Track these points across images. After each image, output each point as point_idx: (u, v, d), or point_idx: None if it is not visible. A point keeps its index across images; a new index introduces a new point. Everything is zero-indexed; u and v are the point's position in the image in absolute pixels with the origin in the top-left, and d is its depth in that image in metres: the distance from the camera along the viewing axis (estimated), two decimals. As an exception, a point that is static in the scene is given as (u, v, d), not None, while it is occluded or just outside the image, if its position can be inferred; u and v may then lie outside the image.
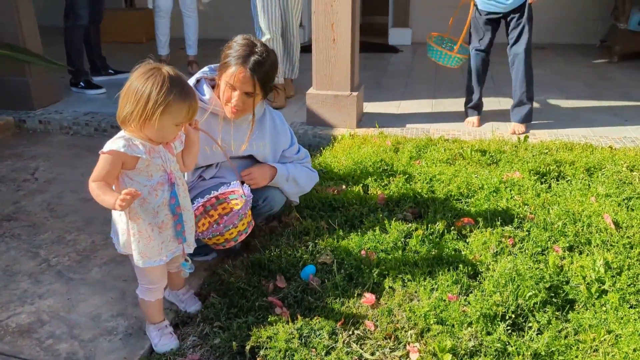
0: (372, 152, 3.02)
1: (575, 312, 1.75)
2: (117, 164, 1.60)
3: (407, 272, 1.96)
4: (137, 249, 1.68)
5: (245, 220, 1.94)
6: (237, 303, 1.97)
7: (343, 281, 1.96)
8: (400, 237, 2.16)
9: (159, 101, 1.51)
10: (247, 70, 1.94)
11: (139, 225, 1.66)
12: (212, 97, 2.08)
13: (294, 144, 2.34)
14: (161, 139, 1.62)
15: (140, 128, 1.57)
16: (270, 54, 2.01)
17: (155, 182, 1.66)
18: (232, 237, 1.92)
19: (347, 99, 3.63)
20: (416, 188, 2.58)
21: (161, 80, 1.52)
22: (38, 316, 2.03)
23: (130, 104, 1.54)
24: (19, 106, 4.13)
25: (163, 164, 1.66)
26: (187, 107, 1.57)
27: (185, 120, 1.61)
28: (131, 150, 1.58)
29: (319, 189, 2.66)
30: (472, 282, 1.90)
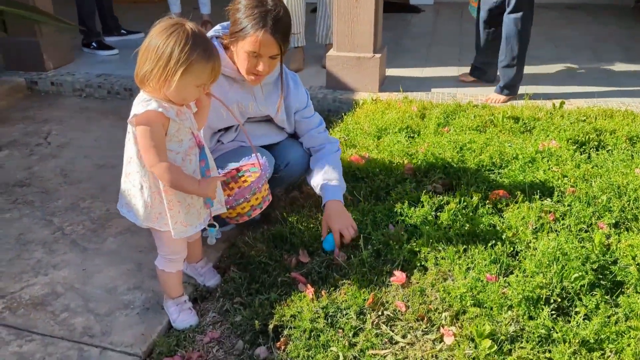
0: (397, 118, 2.86)
1: (625, 295, 1.61)
2: (161, 130, 1.48)
3: (439, 249, 1.84)
4: (178, 218, 1.58)
5: (260, 195, 1.81)
6: (258, 278, 1.87)
7: (370, 257, 1.85)
8: (430, 211, 2.03)
9: (181, 60, 1.38)
10: (268, 34, 1.77)
11: (177, 195, 1.56)
12: (225, 58, 1.92)
13: (308, 105, 2.17)
14: (181, 100, 1.49)
15: (159, 88, 1.44)
16: (280, 3, 1.82)
17: (186, 147, 1.55)
18: (245, 211, 1.80)
19: (369, 61, 3.45)
20: (446, 157, 2.43)
21: (184, 37, 1.39)
22: (52, 288, 1.96)
23: (150, 62, 1.41)
24: (30, 67, 4.01)
25: (191, 126, 1.55)
26: (210, 68, 1.44)
27: (207, 81, 1.47)
28: (166, 111, 1.46)
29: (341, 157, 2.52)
30: (512, 261, 1.77)
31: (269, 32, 1.76)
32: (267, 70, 1.85)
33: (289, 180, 2.24)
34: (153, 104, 1.46)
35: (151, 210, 1.58)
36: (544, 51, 4.31)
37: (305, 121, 2.15)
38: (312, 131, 2.16)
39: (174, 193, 1.55)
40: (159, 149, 1.46)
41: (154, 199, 1.56)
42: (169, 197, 1.55)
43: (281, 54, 1.84)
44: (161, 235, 1.66)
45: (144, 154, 1.48)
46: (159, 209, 1.57)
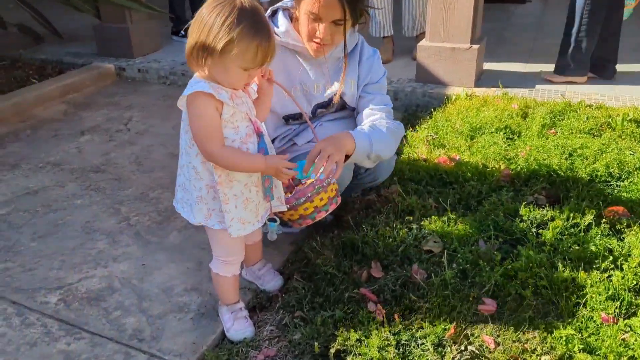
0: (494, 117, 2.53)
1: None
2: (215, 112, 1.31)
3: (541, 275, 1.52)
4: (235, 214, 1.40)
5: (326, 195, 1.57)
6: (323, 291, 1.66)
7: (455, 278, 1.57)
8: (531, 227, 1.71)
9: (221, 34, 1.20)
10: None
11: (233, 189, 1.38)
12: (288, 30, 1.70)
13: (380, 82, 1.86)
14: (229, 84, 1.30)
15: (203, 66, 1.27)
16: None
17: (243, 135, 1.37)
18: (308, 213, 1.57)
19: (465, 53, 3.12)
20: (551, 164, 2.08)
21: (229, 9, 1.21)
22: (110, 282, 1.86)
23: (194, 35, 1.25)
24: (119, 54, 4.06)
25: (248, 112, 1.36)
26: (254, 47, 1.23)
27: (254, 64, 1.26)
28: (217, 92, 1.28)
29: (428, 158, 2.25)
30: (635, 299, 1.43)
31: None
32: (327, 37, 1.60)
33: (370, 184, 2.00)
34: (203, 84, 1.29)
35: (204, 206, 1.41)
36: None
37: (369, 97, 1.83)
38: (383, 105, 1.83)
39: (230, 187, 1.37)
40: (216, 132, 1.29)
41: (207, 194, 1.39)
42: (224, 191, 1.37)
43: (344, 23, 1.59)
44: (215, 235, 1.49)
45: (197, 140, 1.31)
46: (212, 205, 1.40)
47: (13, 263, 1.96)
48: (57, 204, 2.34)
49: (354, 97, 1.86)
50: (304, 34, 1.66)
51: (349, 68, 1.81)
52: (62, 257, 1.99)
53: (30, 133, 3.07)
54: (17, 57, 4.13)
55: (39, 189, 2.47)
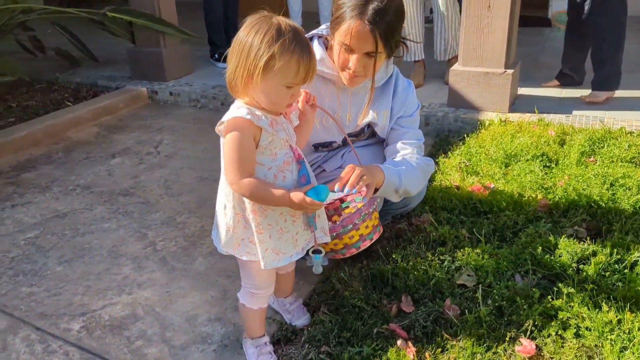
0: (530, 144, 2.44)
1: None
2: (251, 141, 1.28)
3: (583, 315, 1.42)
4: (269, 245, 1.36)
5: (370, 223, 1.52)
6: (350, 325, 1.59)
7: (490, 316, 1.48)
8: (571, 262, 1.62)
9: (262, 50, 1.18)
10: (365, 24, 1.48)
11: (268, 218, 1.34)
12: (323, 58, 1.67)
13: (413, 116, 1.82)
14: (272, 105, 1.27)
15: (246, 89, 1.25)
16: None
17: (281, 162, 1.33)
18: (353, 241, 1.52)
19: (499, 78, 3.05)
20: (592, 194, 1.98)
21: (267, 28, 1.19)
22: (133, 309, 1.83)
23: (234, 59, 1.23)
24: (152, 77, 4.11)
25: (288, 138, 1.33)
26: (296, 62, 1.20)
27: (296, 80, 1.23)
28: (255, 119, 1.26)
29: (461, 186, 2.18)
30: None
31: (365, 22, 1.48)
32: (358, 68, 1.56)
33: (400, 211, 1.94)
34: (242, 111, 1.26)
35: (233, 234, 1.37)
36: None
37: (402, 130, 1.79)
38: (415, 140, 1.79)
39: (264, 215, 1.32)
40: (245, 162, 1.26)
41: (237, 222, 1.36)
42: (258, 220, 1.32)
43: (376, 55, 1.55)
44: (246, 265, 1.45)
45: (225, 168, 1.28)
46: (242, 235, 1.36)
47: (39, 287, 1.95)
48: (85, 228, 2.34)
49: (385, 129, 1.81)
50: (337, 64, 1.63)
51: (382, 99, 1.77)
52: (87, 283, 1.98)
53: (62, 155, 3.11)
54: (53, 80, 4.24)
55: (68, 212, 2.48)
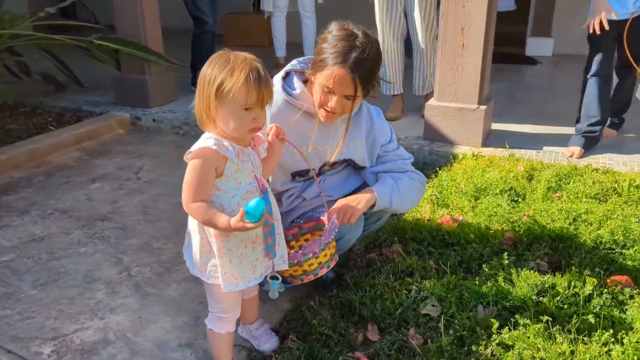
0: (500, 178, 2.53)
1: None
2: (211, 170, 1.35)
3: (538, 346, 1.48)
4: (228, 269, 1.41)
5: (329, 252, 1.60)
6: (317, 352, 1.63)
7: (451, 345, 1.54)
8: (531, 294, 1.68)
9: (215, 76, 1.29)
10: (347, 71, 1.58)
11: (229, 243, 1.39)
12: (303, 92, 1.76)
13: (392, 140, 1.95)
14: (235, 130, 1.34)
15: (210, 119, 1.34)
16: (372, 45, 1.62)
17: (244, 191, 1.40)
18: (312, 269, 1.59)
19: (473, 113, 3.16)
20: (555, 229, 2.06)
21: (219, 60, 1.31)
22: (104, 334, 1.85)
23: (198, 94, 1.34)
24: (136, 103, 4.17)
25: (253, 169, 1.39)
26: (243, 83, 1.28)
27: (250, 101, 1.30)
28: (222, 149, 1.33)
29: (431, 218, 2.24)
30: (636, 375, 1.39)
31: (347, 69, 1.58)
32: (337, 109, 1.66)
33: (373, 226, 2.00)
34: (210, 141, 1.33)
35: (199, 258, 1.42)
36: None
37: (390, 154, 1.93)
38: (397, 161, 1.93)
39: (226, 240, 1.38)
40: (199, 188, 1.33)
41: (202, 246, 1.42)
42: (219, 244, 1.38)
43: (354, 99, 1.64)
44: (212, 289, 1.50)
45: (183, 191, 1.35)
46: (207, 258, 1.41)
47: (12, 310, 1.97)
48: (61, 252, 2.36)
49: (363, 159, 1.89)
50: (316, 101, 1.72)
51: (355, 131, 1.86)
52: (60, 307, 1.99)
53: (43, 179, 3.13)
54: (37, 104, 4.27)
55: (45, 235, 2.50)
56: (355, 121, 1.87)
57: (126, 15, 3.95)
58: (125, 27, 3.99)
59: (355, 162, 1.90)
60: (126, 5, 3.91)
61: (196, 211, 1.35)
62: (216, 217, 1.33)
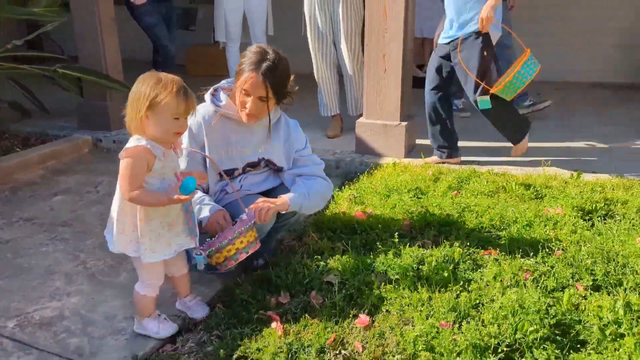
0: (410, 180, 2.96)
1: (580, 353, 1.58)
2: (144, 165, 1.72)
3: (406, 297, 1.88)
4: (148, 246, 1.79)
5: (245, 240, 1.97)
6: (238, 315, 1.99)
7: (343, 301, 1.92)
8: (413, 263, 2.09)
9: (149, 92, 1.66)
10: (259, 75, 2.02)
11: (150, 225, 1.77)
12: (228, 103, 2.19)
13: (307, 147, 2.37)
14: (164, 134, 1.72)
15: (142, 126, 1.69)
16: (282, 60, 2.09)
17: (167, 186, 1.76)
18: (231, 254, 1.96)
19: (395, 129, 3.61)
20: (443, 216, 2.49)
21: (154, 78, 1.68)
22: (61, 312, 2.17)
23: (134, 105, 1.70)
24: (97, 127, 4.50)
25: (175, 167, 1.77)
26: (173, 97, 1.67)
27: (179, 111, 1.70)
28: (152, 148, 1.71)
29: (346, 212, 2.65)
30: (472, 312, 1.79)
31: (259, 75, 2.02)
32: (253, 109, 2.09)
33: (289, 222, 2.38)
34: (142, 141, 1.71)
35: (124, 237, 1.79)
36: (587, 127, 4.27)
37: (305, 159, 2.35)
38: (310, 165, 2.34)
39: (149, 224, 1.75)
40: (135, 179, 1.69)
41: (128, 228, 1.78)
42: (142, 226, 1.76)
43: (267, 100, 2.07)
44: (137, 262, 1.87)
45: (120, 183, 1.71)
46: (131, 237, 1.79)
47: (-20, 297, 2.28)
48: (25, 251, 2.67)
49: (281, 161, 2.30)
50: (238, 105, 2.13)
51: (274, 137, 2.27)
52: (23, 293, 2.31)
53: (9, 194, 3.44)
54: (5, 130, 4.57)
55: (10, 239, 2.81)
56: (275, 128, 2.29)
57: (88, 46, 4.32)
58: (87, 57, 4.36)
59: (274, 164, 2.30)
60: (88, 37, 4.29)
61: (139, 196, 1.71)
62: (155, 195, 1.71)
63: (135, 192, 1.71)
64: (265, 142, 2.25)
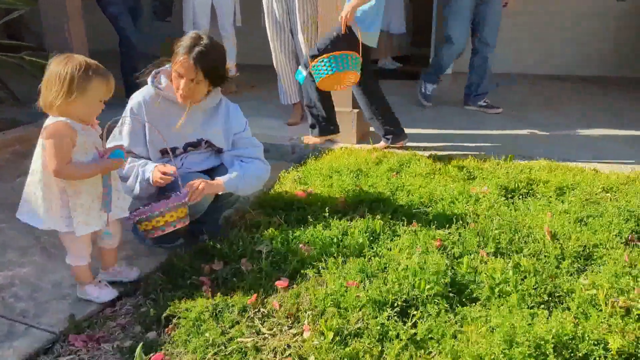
0: (354, 163, 3.13)
1: (467, 307, 1.77)
2: (68, 141, 1.84)
3: (323, 261, 2.06)
4: (81, 219, 1.92)
5: (175, 215, 2.12)
6: (174, 281, 2.15)
7: (269, 267, 2.09)
8: (338, 234, 2.26)
9: (83, 79, 1.78)
10: (190, 59, 2.17)
11: (80, 199, 1.91)
12: (168, 85, 2.34)
13: (246, 129, 2.50)
14: (88, 116, 1.86)
15: (67, 107, 1.81)
16: (215, 47, 2.24)
17: (91, 159, 1.91)
18: (159, 225, 2.10)
19: (347, 115, 3.78)
20: (375, 194, 2.66)
21: (79, 63, 1.79)
22: (11, 280, 2.31)
23: (56, 87, 1.80)
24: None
25: (95, 142, 1.91)
26: (105, 83, 1.83)
27: (106, 95, 1.85)
28: (72, 124, 1.84)
29: (288, 191, 2.82)
30: (380, 274, 1.97)
31: (190, 58, 2.17)
32: (185, 89, 2.24)
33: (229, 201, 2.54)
34: (62, 118, 1.83)
35: (53, 215, 1.92)
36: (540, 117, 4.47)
37: (244, 140, 2.49)
38: (249, 148, 2.48)
39: (79, 198, 1.90)
40: (64, 155, 1.83)
41: (55, 205, 1.92)
42: (74, 201, 1.91)
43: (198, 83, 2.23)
44: (67, 237, 2.01)
45: (49, 161, 1.82)
46: (61, 213, 1.93)
47: None
48: (-17, 228, 2.81)
49: (220, 142, 2.45)
50: (174, 87, 2.28)
51: (213, 119, 2.43)
52: (-21, 266, 2.45)
53: (-27, 176, 3.56)
54: (-26, 117, 4.67)
55: (-30, 218, 2.94)
56: (215, 111, 2.45)
57: (55, 35, 4.44)
58: (55, 45, 4.47)
59: (213, 144, 2.46)
60: (54, 26, 4.41)
61: (74, 170, 1.85)
62: (88, 166, 1.86)
63: (67, 165, 1.83)
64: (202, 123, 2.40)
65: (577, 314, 1.69)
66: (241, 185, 2.38)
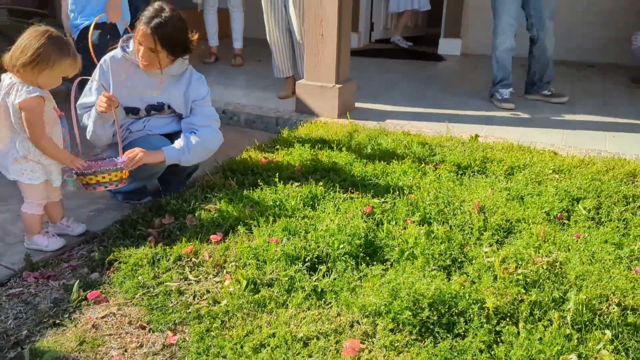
0: (324, 135, 3.26)
1: (373, 266, 1.91)
2: (43, 110, 2.05)
3: (255, 219, 2.22)
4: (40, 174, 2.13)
5: (120, 175, 2.29)
6: (127, 232, 2.35)
7: (210, 223, 2.26)
8: (282, 197, 2.41)
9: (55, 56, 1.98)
10: (148, 30, 2.33)
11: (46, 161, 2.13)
12: (134, 49, 2.50)
13: (206, 98, 2.63)
14: (49, 86, 2.06)
15: (31, 75, 2.00)
16: (174, 19, 2.37)
17: (51, 118, 2.10)
18: (104, 181, 2.26)
19: (330, 90, 3.89)
20: (330, 163, 2.80)
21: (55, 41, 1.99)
22: (-12, 225, 2.55)
23: (28, 56, 1.97)
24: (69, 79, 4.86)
25: (52, 104, 2.10)
26: (74, 63, 2.05)
27: (71, 72, 2.03)
28: (43, 93, 2.03)
29: (253, 157, 2.97)
30: (302, 233, 2.11)
31: (148, 28, 2.32)
32: (145, 58, 2.41)
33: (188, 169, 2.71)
34: (35, 91, 2.02)
35: (18, 167, 2.14)
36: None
37: (200, 108, 2.62)
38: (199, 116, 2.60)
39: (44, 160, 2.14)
40: (43, 125, 2.05)
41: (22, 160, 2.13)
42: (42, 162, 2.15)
43: (157, 52, 2.39)
44: (27, 188, 2.22)
45: (30, 130, 2.03)
46: (25, 167, 2.15)
47: None
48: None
49: (180, 107, 2.62)
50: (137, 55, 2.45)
51: (176, 86, 2.59)
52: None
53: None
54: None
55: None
56: (179, 79, 2.60)
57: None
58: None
59: (174, 109, 2.62)
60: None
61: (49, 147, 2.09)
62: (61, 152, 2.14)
63: (46, 140, 2.06)
64: (161, 87, 2.56)
65: (474, 279, 1.81)
66: (185, 157, 2.49)
